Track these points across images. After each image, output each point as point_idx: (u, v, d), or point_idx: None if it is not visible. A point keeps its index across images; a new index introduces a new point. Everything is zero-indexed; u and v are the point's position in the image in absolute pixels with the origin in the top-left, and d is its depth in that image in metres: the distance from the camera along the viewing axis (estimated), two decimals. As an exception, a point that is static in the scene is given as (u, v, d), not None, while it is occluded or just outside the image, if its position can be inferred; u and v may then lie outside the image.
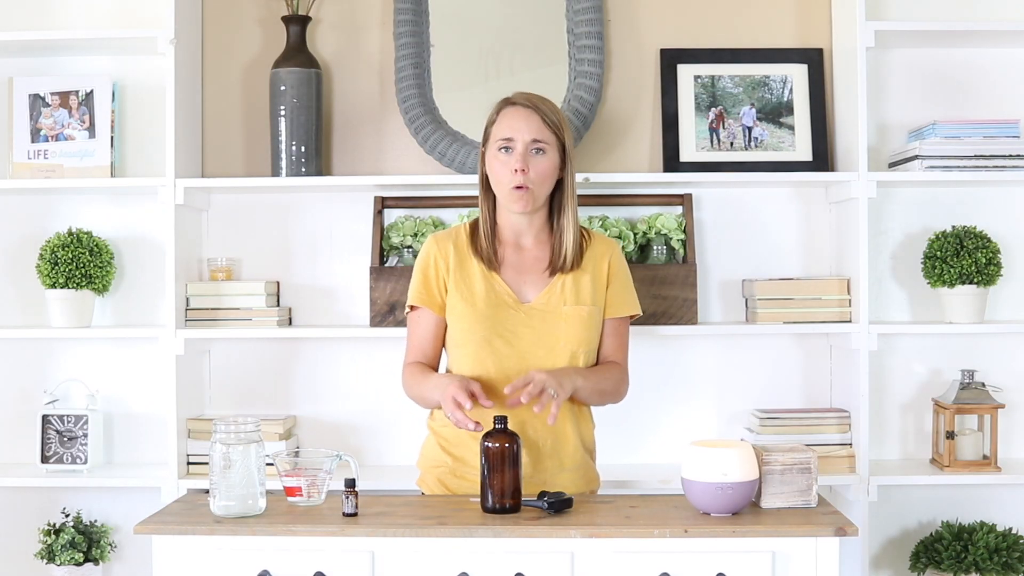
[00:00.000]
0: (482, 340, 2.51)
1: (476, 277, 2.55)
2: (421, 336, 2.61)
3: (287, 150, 3.21)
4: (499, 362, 2.50)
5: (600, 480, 2.67)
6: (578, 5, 3.24)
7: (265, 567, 2.21)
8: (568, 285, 2.55)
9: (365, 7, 3.36)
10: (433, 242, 2.61)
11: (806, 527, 2.19)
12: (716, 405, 3.34)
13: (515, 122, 2.51)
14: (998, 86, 3.33)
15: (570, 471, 2.55)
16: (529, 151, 2.50)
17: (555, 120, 2.53)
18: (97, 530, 3.24)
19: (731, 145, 3.27)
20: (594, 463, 2.65)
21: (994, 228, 3.28)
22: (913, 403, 3.33)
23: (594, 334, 2.56)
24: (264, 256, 3.36)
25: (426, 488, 2.63)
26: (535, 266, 2.58)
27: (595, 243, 2.62)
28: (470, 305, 2.53)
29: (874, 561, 3.29)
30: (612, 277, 2.61)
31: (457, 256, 2.58)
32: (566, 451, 2.54)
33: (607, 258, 2.61)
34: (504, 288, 2.54)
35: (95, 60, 3.34)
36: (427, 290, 2.58)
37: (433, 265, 2.58)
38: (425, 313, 2.59)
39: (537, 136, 2.50)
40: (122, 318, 3.36)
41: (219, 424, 2.29)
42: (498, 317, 2.52)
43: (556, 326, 2.52)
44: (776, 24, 3.35)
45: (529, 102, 2.54)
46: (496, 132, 2.54)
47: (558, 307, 2.53)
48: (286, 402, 3.36)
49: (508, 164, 2.50)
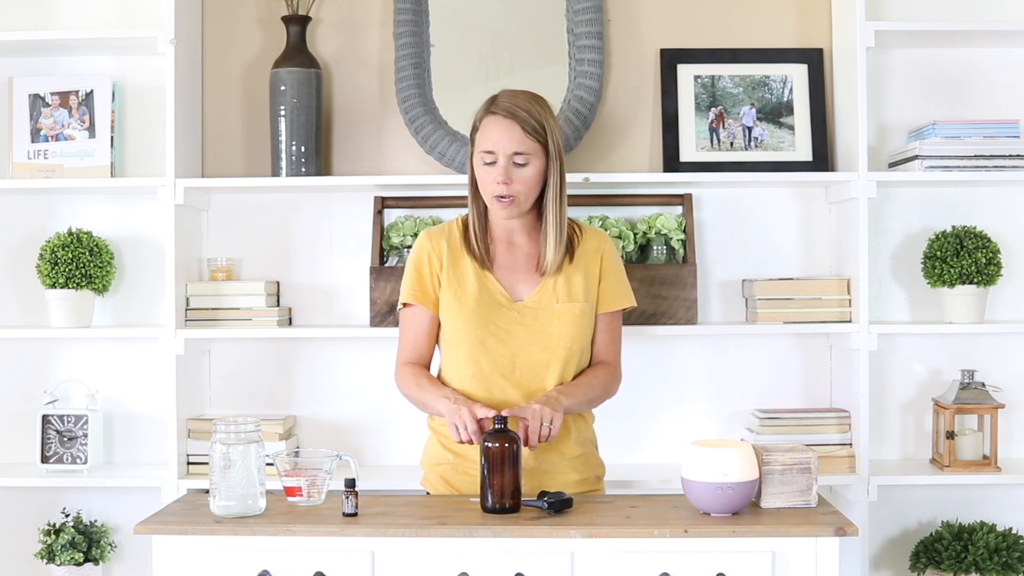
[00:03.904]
0: (475, 340, 2.51)
1: (469, 275, 2.55)
2: (415, 334, 2.60)
3: (287, 150, 3.21)
4: (493, 361, 2.51)
5: (605, 466, 2.67)
6: (578, 5, 3.24)
7: (265, 567, 2.21)
8: (560, 282, 2.54)
9: (365, 7, 3.36)
10: (426, 238, 2.60)
11: (806, 527, 2.19)
12: (716, 405, 3.34)
13: (496, 134, 2.48)
14: (998, 86, 3.33)
15: (571, 460, 2.56)
16: (511, 163, 2.48)
17: (537, 126, 2.48)
18: (97, 530, 3.24)
19: (731, 145, 3.27)
20: (596, 450, 2.66)
21: (994, 228, 3.28)
22: (913, 403, 3.33)
23: (587, 330, 2.56)
24: (264, 256, 3.36)
25: (430, 487, 2.63)
26: (527, 264, 2.57)
27: (586, 238, 2.61)
28: (463, 304, 2.53)
29: (874, 561, 3.29)
30: (604, 271, 2.60)
31: (450, 253, 2.57)
32: (566, 445, 2.55)
33: (599, 253, 2.60)
34: (497, 287, 2.54)
35: (95, 60, 3.34)
36: (421, 287, 2.57)
37: (427, 262, 2.57)
38: (419, 310, 2.58)
39: (518, 148, 2.47)
40: (122, 318, 3.36)
41: (219, 424, 2.29)
42: (491, 316, 2.52)
43: (549, 324, 2.52)
44: (776, 24, 3.35)
45: (509, 112, 2.48)
46: (479, 142, 2.52)
47: (551, 305, 2.53)
48: (286, 402, 3.36)
49: (491, 174, 2.49)
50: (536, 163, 2.49)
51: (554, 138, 2.51)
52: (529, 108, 2.50)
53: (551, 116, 2.54)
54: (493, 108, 2.51)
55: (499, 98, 2.53)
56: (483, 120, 2.52)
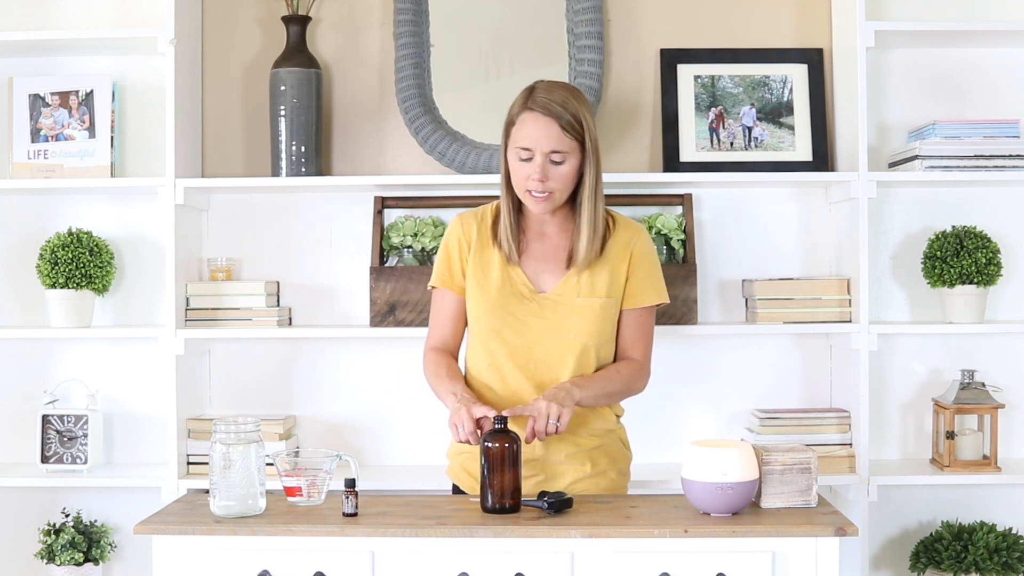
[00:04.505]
0: (490, 330, 2.51)
1: (494, 264, 2.54)
2: (443, 318, 2.60)
3: (287, 150, 3.21)
4: (509, 352, 2.50)
5: (630, 460, 2.65)
6: (578, 5, 3.24)
7: (265, 567, 2.21)
8: (585, 276, 2.52)
9: (365, 7, 3.36)
10: (458, 222, 2.60)
11: (806, 527, 2.19)
12: (716, 405, 3.34)
13: (534, 132, 2.44)
14: (998, 86, 3.33)
15: (587, 451, 2.53)
16: (548, 161, 2.45)
17: (575, 123, 2.45)
18: (97, 530, 3.24)
19: (731, 145, 3.27)
20: (622, 444, 2.62)
21: (994, 228, 3.28)
22: (913, 403, 3.33)
23: (607, 326, 2.54)
24: (264, 256, 3.36)
25: (452, 476, 2.63)
26: (555, 255, 2.55)
27: (619, 230, 2.57)
28: (484, 293, 2.53)
29: (874, 561, 3.29)
30: (634, 267, 2.56)
31: (479, 240, 2.56)
32: (580, 435, 2.52)
33: (629, 248, 2.56)
34: (521, 278, 2.53)
35: (95, 60, 3.34)
36: (449, 271, 2.58)
37: (456, 246, 2.57)
38: (446, 294, 2.59)
39: (556, 147, 2.44)
40: (122, 318, 3.36)
41: (219, 424, 2.29)
42: (509, 307, 2.51)
43: (567, 317, 2.50)
44: (776, 24, 3.35)
45: (547, 109, 2.44)
46: (515, 137, 2.48)
47: (571, 298, 2.51)
48: (286, 402, 3.36)
49: (527, 170, 2.46)
50: (572, 160, 2.47)
51: (591, 134, 2.48)
52: (566, 103, 2.45)
53: (587, 110, 2.49)
54: (531, 104, 2.46)
55: (536, 92, 2.47)
56: (520, 115, 2.48)
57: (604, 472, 2.56)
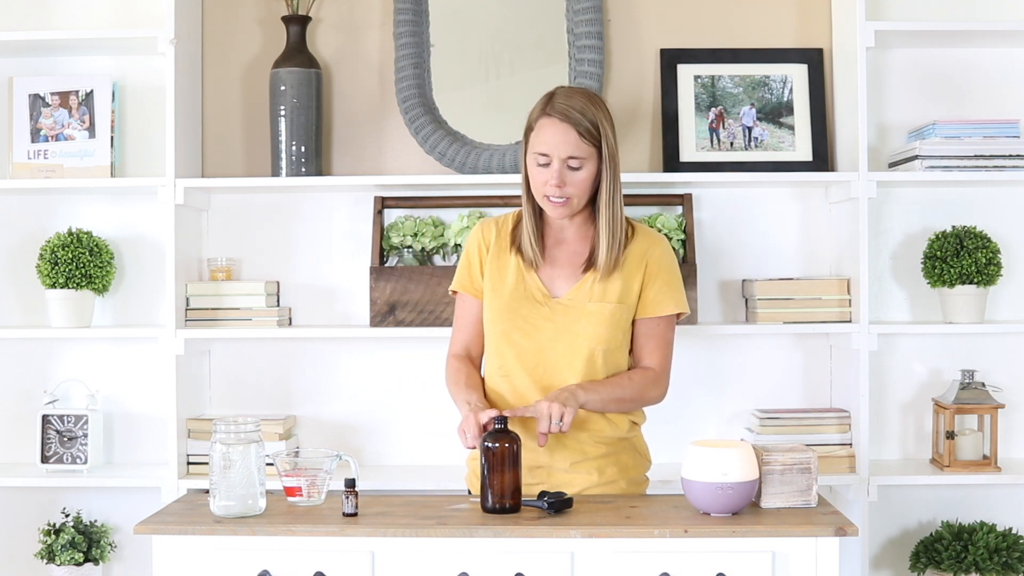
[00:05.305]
0: (501, 333, 2.52)
1: (510, 269, 2.55)
2: (464, 323, 2.62)
3: (287, 150, 3.21)
4: (518, 355, 2.51)
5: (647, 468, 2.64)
6: (578, 5, 3.24)
7: (265, 567, 2.21)
8: (598, 282, 2.52)
9: (365, 7, 3.36)
10: (479, 228, 2.62)
11: (806, 527, 2.19)
12: (716, 405, 3.34)
13: (552, 138, 2.45)
14: (998, 86, 3.33)
15: (594, 459, 2.52)
16: (565, 166, 2.45)
17: (592, 129, 2.45)
18: (97, 530, 3.24)
19: (731, 145, 3.28)
20: (639, 454, 2.62)
21: (994, 228, 3.28)
22: (913, 403, 3.33)
23: (617, 332, 2.52)
24: (264, 256, 3.36)
25: (470, 484, 2.63)
26: (572, 260, 2.55)
27: (637, 239, 2.57)
28: (497, 297, 2.54)
29: (874, 561, 3.29)
30: (650, 277, 2.55)
31: (498, 245, 2.58)
32: (587, 443, 2.51)
33: (644, 258, 2.55)
34: (536, 283, 2.53)
35: (95, 60, 3.34)
36: (469, 276, 2.60)
37: (476, 251, 2.59)
38: (467, 299, 2.61)
39: (573, 153, 2.44)
40: (122, 318, 3.36)
41: (219, 424, 2.29)
42: (521, 312, 2.51)
43: (577, 322, 2.50)
44: (776, 24, 3.35)
45: (565, 115, 2.44)
46: (533, 143, 2.49)
47: (583, 304, 2.51)
48: (286, 402, 3.36)
49: (545, 175, 2.47)
50: (590, 166, 2.47)
51: (608, 140, 2.48)
52: (584, 110, 2.46)
53: (606, 117, 2.50)
54: (549, 110, 2.47)
55: (555, 98, 2.48)
56: (538, 121, 2.49)
57: (613, 482, 2.54)
